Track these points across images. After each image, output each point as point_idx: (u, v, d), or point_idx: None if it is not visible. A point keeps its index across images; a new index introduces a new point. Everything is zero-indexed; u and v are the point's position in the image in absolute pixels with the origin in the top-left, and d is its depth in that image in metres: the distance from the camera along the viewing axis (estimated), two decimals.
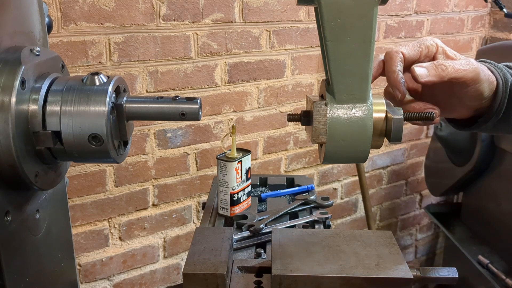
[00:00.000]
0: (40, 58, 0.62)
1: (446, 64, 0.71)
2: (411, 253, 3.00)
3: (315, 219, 1.14)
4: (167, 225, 1.93)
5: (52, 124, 0.60)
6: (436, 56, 0.76)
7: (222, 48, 1.83)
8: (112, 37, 1.59)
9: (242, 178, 1.16)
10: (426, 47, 0.75)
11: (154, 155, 1.80)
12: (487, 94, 0.74)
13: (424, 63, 0.72)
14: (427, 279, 0.81)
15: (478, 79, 0.72)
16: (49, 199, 0.69)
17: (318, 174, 2.33)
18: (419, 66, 0.71)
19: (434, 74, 0.70)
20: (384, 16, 2.27)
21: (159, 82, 1.72)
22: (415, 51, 0.75)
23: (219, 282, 0.80)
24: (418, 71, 0.70)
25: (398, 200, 2.76)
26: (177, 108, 0.65)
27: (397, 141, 0.66)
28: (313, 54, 2.09)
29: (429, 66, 0.71)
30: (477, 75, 0.72)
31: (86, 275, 1.79)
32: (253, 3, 1.85)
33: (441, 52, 0.76)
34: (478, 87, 0.73)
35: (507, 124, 0.77)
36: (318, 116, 0.65)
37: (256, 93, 1.98)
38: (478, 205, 2.33)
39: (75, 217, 1.69)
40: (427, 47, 0.75)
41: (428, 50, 0.75)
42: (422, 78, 0.70)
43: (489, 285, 2.02)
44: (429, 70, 0.71)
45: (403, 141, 2.64)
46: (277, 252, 0.83)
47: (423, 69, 0.71)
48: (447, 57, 0.76)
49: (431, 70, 0.71)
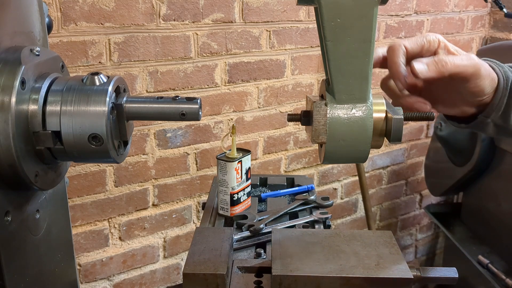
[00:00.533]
0: (40, 58, 0.62)
1: (446, 60, 0.71)
2: (411, 253, 3.00)
3: (315, 219, 1.14)
4: (167, 225, 1.93)
5: (52, 124, 0.60)
6: (437, 51, 0.75)
7: (222, 48, 1.83)
8: (112, 37, 1.59)
9: (242, 178, 1.16)
10: (428, 41, 0.75)
11: (154, 155, 1.80)
12: (488, 90, 0.74)
13: (424, 59, 0.72)
14: (427, 279, 0.81)
15: (479, 75, 0.72)
16: (49, 199, 0.69)
17: (318, 174, 2.33)
18: (419, 62, 0.71)
19: (434, 69, 0.70)
20: (384, 16, 2.27)
21: (159, 82, 1.72)
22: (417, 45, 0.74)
23: (219, 282, 0.80)
24: (417, 67, 0.70)
25: (398, 200, 2.76)
26: (177, 108, 0.65)
27: (397, 141, 0.66)
28: (313, 54, 2.09)
29: (429, 62, 0.71)
30: (478, 70, 0.72)
31: (86, 275, 1.79)
32: (253, 3, 1.85)
33: (442, 48, 0.75)
34: (479, 82, 0.73)
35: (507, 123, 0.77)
36: (318, 116, 0.65)
37: (256, 93, 1.98)
38: (478, 205, 2.33)
39: (75, 217, 1.69)
40: (429, 42, 0.75)
41: (430, 45, 0.75)
42: (422, 74, 0.70)
43: (489, 285, 2.02)
44: (429, 65, 0.70)
45: (403, 141, 2.64)
46: (277, 252, 0.83)
47: (423, 64, 0.70)
48: (448, 52, 0.75)
49: (431, 66, 0.70)
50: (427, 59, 0.71)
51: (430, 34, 0.76)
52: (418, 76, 0.70)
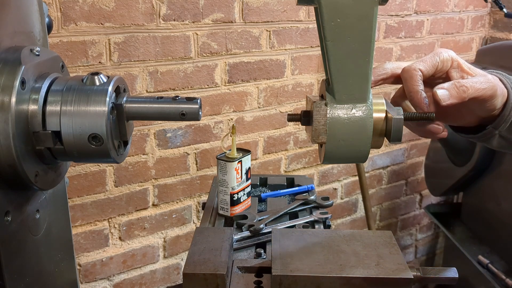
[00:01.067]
0: (40, 58, 0.62)
1: (467, 85, 0.71)
2: (411, 253, 3.00)
3: (315, 219, 1.14)
4: (167, 225, 1.93)
5: (52, 124, 0.60)
6: (450, 72, 0.75)
7: (222, 48, 1.83)
8: (112, 37, 1.59)
9: (242, 178, 1.16)
10: (442, 61, 0.75)
11: (154, 155, 1.80)
12: (500, 105, 0.75)
13: (445, 84, 0.71)
14: (427, 279, 0.81)
15: (496, 95, 0.73)
16: (49, 199, 0.69)
17: (318, 174, 2.33)
18: (441, 88, 0.70)
19: (456, 96, 0.70)
20: (384, 16, 2.27)
21: (159, 82, 1.72)
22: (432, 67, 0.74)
23: (219, 282, 0.80)
24: (440, 94, 0.70)
25: (398, 200, 2.76)
26: (177, 108, 0.65)
27: (397, 141, 0.66)
28: (313, 54, 2.09)
29: (450, 88, 0.70)
30: (495, 92, 0.73)
31: (86, 275, 1.79)
32: (253, 3, 1.85)
33: (455, 67, 0.75)
34: (494, 101, 0.74)
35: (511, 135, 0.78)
36: (318, 116, 0.65)
37: (256, 93, 1.98)
38: (478, 205, 2.33)
39: (75, 217, 1.69)
40: (442, 61, 0.75)
41: (443, 65, 0.75)
42: (444, 101, 0.70)
43: (489, 285, 2.02)
44: (450, 91, 0.70)
45: (403, 141, 2.64)
46: (277, 252, 0.83)
47: (445, 91, 0.70)
48: (462, 71, 0.75)
49: (452, 92, 0.70)
50: (448, 84, 0.71)
51: (442, 52, 0.75)
52: (441, 104, 0.70)
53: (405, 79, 0.74)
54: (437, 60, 0.74)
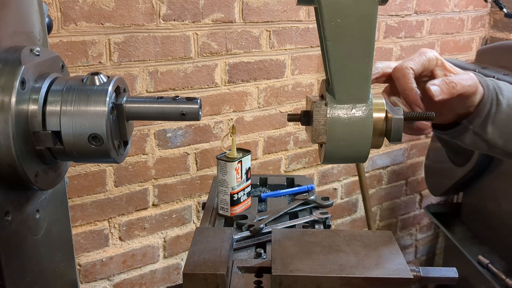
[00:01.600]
0: (40, 58, 0.62)
1: (455, 81, 0.74)
2: (411, 253, 3.00)
3: (315, 219, 1.14)
4: (167, 225, 1.93)
5: (52, 124, 0.60)
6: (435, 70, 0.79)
7: (222, 48, 1.83)
8: (112, 37, 1.59)
9: (242, 178, 1.16)
10: (428, 60, 0.78)
11: (154, 155, 1.80)
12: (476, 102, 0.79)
13: (436, 81, 0.75)
14: (427, 279, 0.81)
15: (477, 92, 0.78)
16: (49, 199, 0.69)
17: (318, 174, 2.33)
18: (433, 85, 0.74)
19: (446, 92, 0.74)
20: (384, 16, 2.27)
21: (159, 82, 1.72)
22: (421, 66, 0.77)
23: (219, 282, 0.80)
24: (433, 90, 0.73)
25: (398, 200, 2.76)
26: (177, 108, 0.65)
27: (397, 141, 0.66)
28: (313, 54, 2.09)
29: (441, 84, 0.74)
30: (477, 89, 0.78)
31: (86, 275, 1.79)
32: (253, 3, 1.85)
33: (440, 65, 0.79)
34: (474, 98, 0.78)
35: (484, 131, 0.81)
36: (318, 116, 0.65)
37: (256, 93, 1.98)
38: (478, 205, 2.32)
39: (75, 217, 1.69)
40: (429, 60, 0.78)
41: (429, 64, 0.78)
42: (437, 97, 0.73)
43: (489, 285, 2.02)
44: (441, 87, 0.74)
45: (403, 141, 2.64)
46: (277, 252, 0.83)
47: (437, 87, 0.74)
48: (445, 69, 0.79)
49: (443, 88, 0.74)
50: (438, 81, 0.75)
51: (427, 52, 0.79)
52: (434, 99, 0.73)
53: (398, 78, 0.76)
54: (424, 59, 0.78)
